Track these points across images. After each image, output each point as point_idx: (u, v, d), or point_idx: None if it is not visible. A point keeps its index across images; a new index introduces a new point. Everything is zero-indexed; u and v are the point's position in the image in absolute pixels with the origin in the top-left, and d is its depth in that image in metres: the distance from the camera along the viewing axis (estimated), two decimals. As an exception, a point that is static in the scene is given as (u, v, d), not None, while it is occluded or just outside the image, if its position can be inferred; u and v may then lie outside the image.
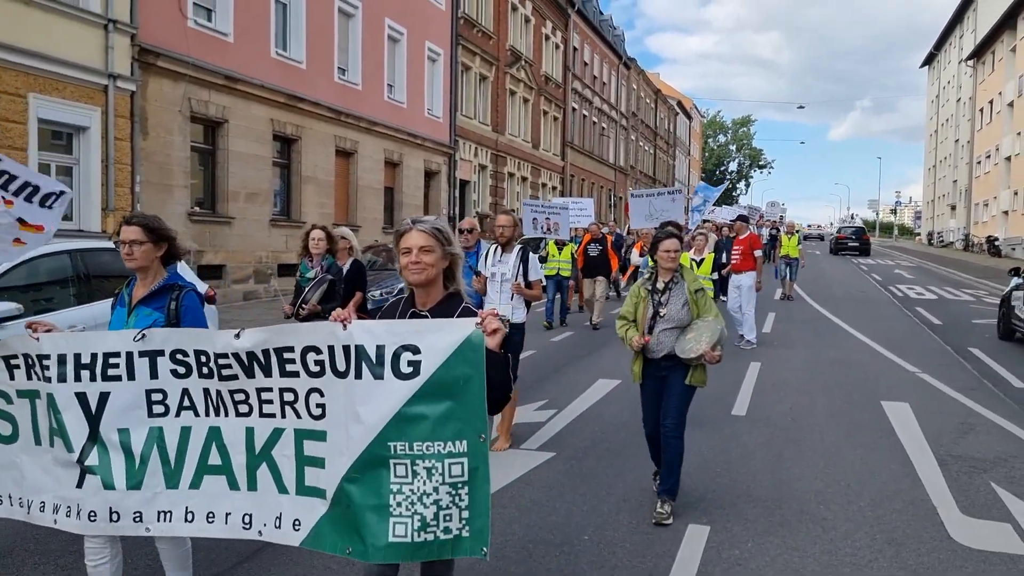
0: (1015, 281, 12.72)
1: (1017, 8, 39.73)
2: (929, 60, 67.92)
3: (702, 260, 10.69)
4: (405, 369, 2.59)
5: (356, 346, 2.65)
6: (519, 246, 6.44)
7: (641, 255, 13.47)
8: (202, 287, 8.66)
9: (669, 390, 5.01)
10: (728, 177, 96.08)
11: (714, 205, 27.42)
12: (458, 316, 2.76)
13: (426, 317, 2.81)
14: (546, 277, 13.80)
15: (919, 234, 74.98)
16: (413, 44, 23.93)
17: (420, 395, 2.57)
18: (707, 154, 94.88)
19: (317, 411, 2.79)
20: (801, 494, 5.42)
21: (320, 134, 19.31)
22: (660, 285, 5.02)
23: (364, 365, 2.64)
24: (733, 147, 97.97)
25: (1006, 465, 6.13)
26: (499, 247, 6.48)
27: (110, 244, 8.95)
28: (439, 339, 2.58)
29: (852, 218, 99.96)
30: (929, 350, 11.86)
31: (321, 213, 19.35)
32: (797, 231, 20.76)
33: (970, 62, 50.27)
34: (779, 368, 10.17)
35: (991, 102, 45.85)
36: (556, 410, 7.66)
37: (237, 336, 2.86)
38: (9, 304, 6.40)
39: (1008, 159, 41.63)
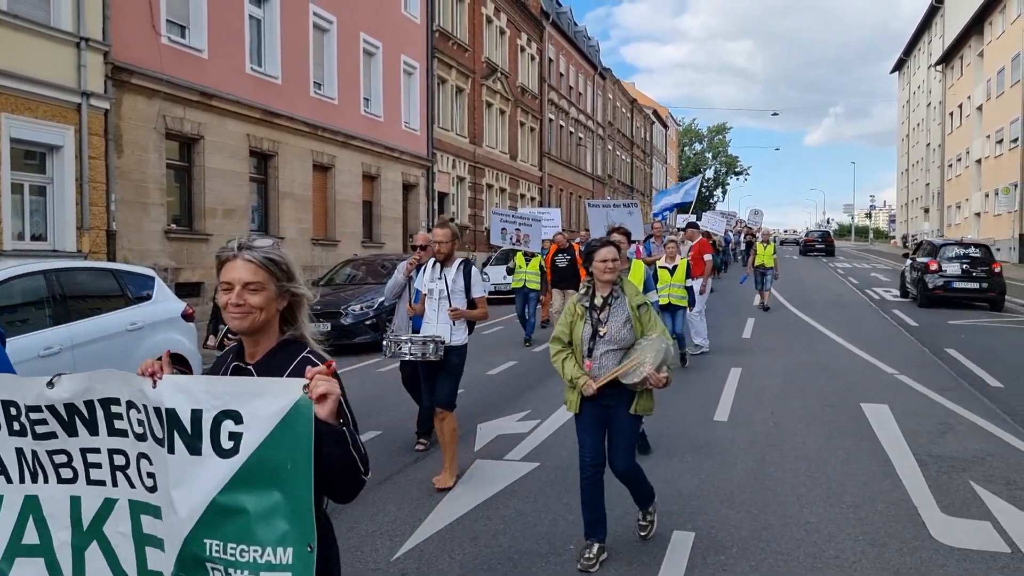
0: (908, 262, 20.72)
1: (984, 13, 40.49)
2: (899, 66, 68.96)
3: (675, 267, 10.43)
4: (225, 443, 1.92)
5: (167, 410, 1.97)
6: (460, 260, 6.04)
7: None
8: (179, 305, 8.60)
9: (615, 424, 4.40)
10: (704, 183, 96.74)
11: (692, 212, 27.55)
12: (291, 373, 2.08)
13: (251, 373, 2.16)
14: (513, 289, 13.73)
15: (894, 237, 75.87)
16: (389, 57, 23.95)
17: (239, 480, 1.91)
18: (684, 162, 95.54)
19: (149, 481, 2.11)
20: (784, 498, 5.45)
21: (297, 149, 19.25)
22: (598, 301, 4.42)
23: (177, 435, 1.96)
24: (709, 155, 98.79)
25: (984, 464, 6.20)
26: (437, 262, 6.03)
27: (86, 263, 8.88)
28: (264, 405, 1.90)
29: (828, 223, 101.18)
30: (906, 352, 11.99)
31: (299, 228, 19.28)
32: (773, 239, 19.96)
33: (939, 67, 51.09)
34: (759, 373, 10.25)
35: (960, 106, 46.60)
36: (539, 420, 7.67)
37: (50, 385, 2.16)
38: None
39: (979, 162, 42.30)
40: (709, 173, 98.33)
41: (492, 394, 9.03)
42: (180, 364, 8.24)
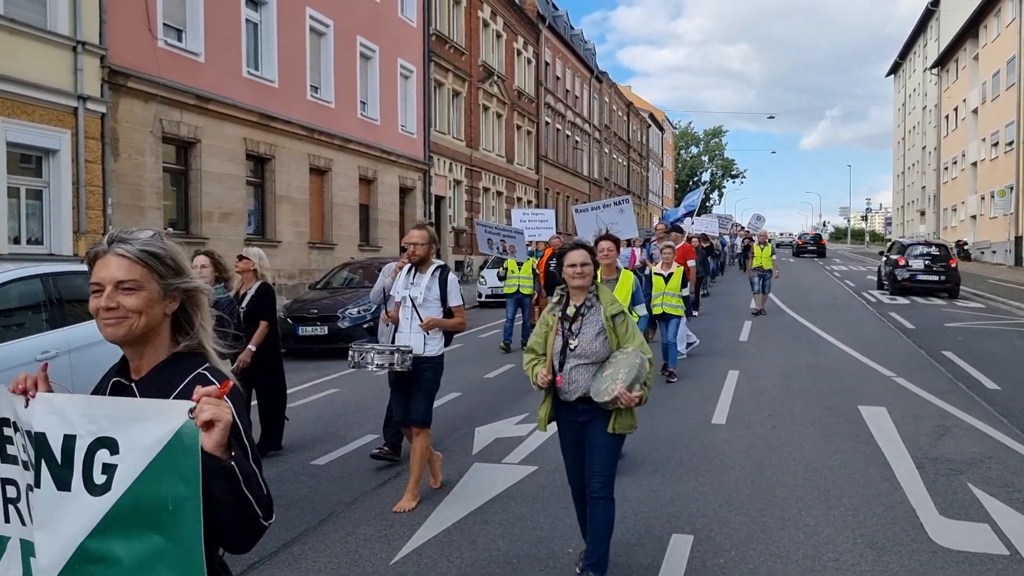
0: (883, 259, 24.29)
1: (979, 17, 40.62)
2: (895, 69, 69.14)
3: (670, 275, 10.06)
4: (98, 478, 1.56)
5: (36, 434, 1.61)
6: (436, 266, 5.56)
7: None
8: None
9: (590, 442, 4.07)
10: (702, 186, 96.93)
11: (689, 215, 27.52)
12: (179, 394, 1.71)
13: (132, 392, 1.78)
14: (506, 295, 13.49)
15: (890, 240, 75.97)
16: (385, 61, 23.96)
17: (111, 522, 1.55)
18: (680, 165, 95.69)
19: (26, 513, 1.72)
20: (782, 500, 5.45)
21: (294, 152, 19.24)
22: (571, 310, 4.10)
23: (45, 466, 1.60)
24: (706, 158, 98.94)
25: (982, 466, 6.21)
26: (413, 267, 5.59)
27: (83, 267, 8.84)
28: (142, 433, 1.55)
29: (824, 226, 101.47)
30: (903, 354, 12.00)
31: (296, 232, 19.27)
32: (770, 241, 19.03)
33: (934, 70, 51.26)
34: (757, 376, 10.25)
35: (956, 109, 46.73)
36: (536, 424, 7.65)
37: None
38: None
39: (974, 164, 42.41)
40: (705, 176, 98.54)
41: (490, 397, 9.02)
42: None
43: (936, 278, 21.71)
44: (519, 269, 13.27)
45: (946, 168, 49.55)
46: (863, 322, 16.35)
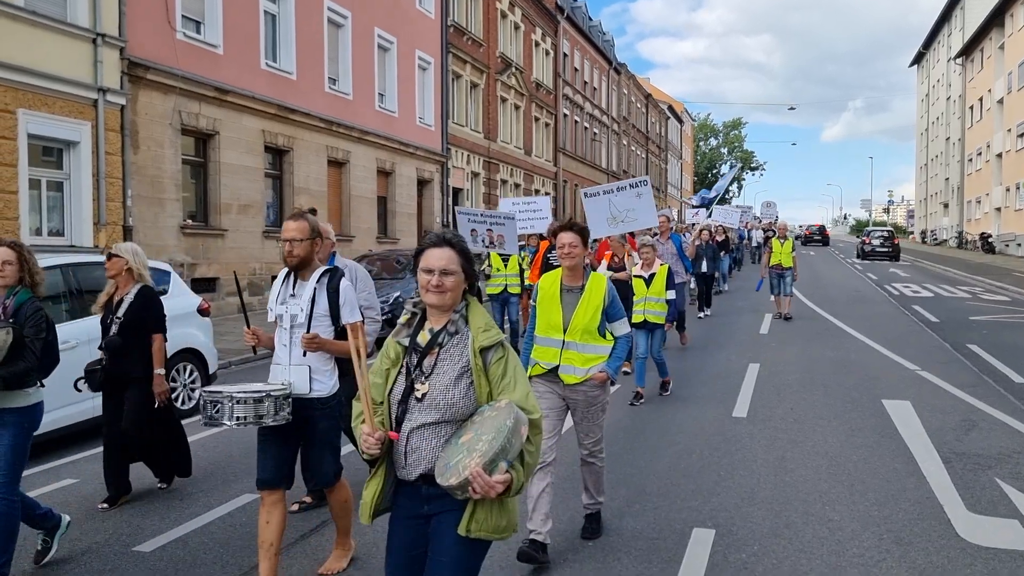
0: (860, 239, 37.13)
1: (1005, 5, 39.93)
2: (918, 59, 68.21)
3: (652, 276, 8.52)
4: None
5: None
6: (323, 270, 4.12)
7: (609, 267, 9.69)
8: (195, 300, 8.58)
9: (431, 547, 2.62)
10: (735, 167, 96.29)
11: (701, 208, 27.21)
12: None
13: None
14: (490, 296, 11.76)
15: (912, 232, 75.19)
16: (403, 53, 23.91)
17: None
18: (699, 157, 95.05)
19: None
20: (806, 495, 5.36)
21: (312, 144, 19.26)
22: (424, 337, 2.68)
23: None
24: (725, 150, 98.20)
25: (1011, 461, 6.08)
26: (291, 273, 4.11)
27: (102, 258, 8.88)
28: None
29: (845, 219, 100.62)
30: (928, 348, 11.83)
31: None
32: (790, 234, 16.44)
33: (959, 60, 50.49)
34: (778, 369, 10.13)
35: (981, 99, 46.03)
36: (556, 416, 7.59)
37: None
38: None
39: (999, 156, 41.76)
40: (724, 168, 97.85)
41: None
42: (195, 360, 8.23)
43: (885, 249, 38.27)
44: (504, 266, 11.54)
45: (970, 160, 48.84)
46: (886, 315, 16.14)
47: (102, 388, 5.47)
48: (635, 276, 8.67)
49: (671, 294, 8.73)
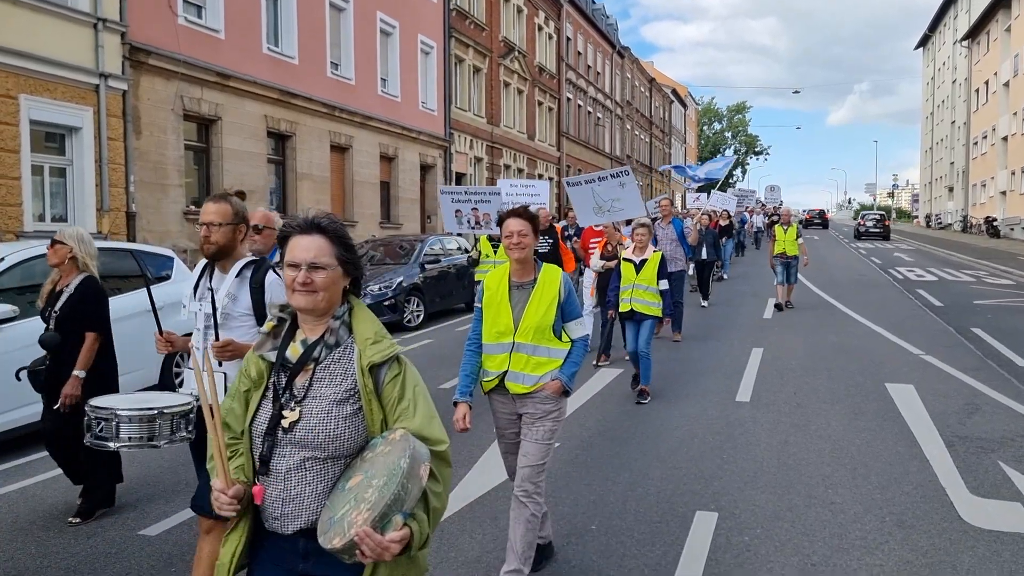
0: (856, 220, 49.13)
1: (1011, -13, 39.60)
2: (924, 42, 67.74)
3: (643, 262, 7.71)
4: None
5: None
6: (246, 262, 3.53)
7: (602, 256, 9.51)
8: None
9: None
10: (735, 155, 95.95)
11: (702, 192, 26.82)
12: None
13: None
14: (477, 284, 9.20)
15: (917, 217, 74.99)
16: (405, 37, 23.80)
17: None
18: (703, 142, 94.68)
19: None
20: (808, 478, 5.37)
21: (314, 130, 19.21)
22: (295, 350, 2.10)
23: None
24: (729, 134, 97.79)
25: (1014, 444, 6.08)
26: (208, 264, 3.57)
27: (105, 244, 8.89)
28: None
29: (849, 203, 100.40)
30: (932, 332, 11.82)
31: (318, 209, 19.25)
32: (794, 220, 15.60)
33: (965, 43, 50.13)
34: (781, 353, 10.13)
35: (987, 82, 45.74)
36: (559, 400, 7.60)
37: None
38: (4, 306, 6.35)
39: (1005, 139, 41.55)
40: (728, 152, 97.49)
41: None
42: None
43: (877, 230, 44.27)
44: (495, 252, 9.96)
45: (975, 143, 48.60)
46: (890, 300, 16.11)
47: (43, 389, 4.85)
48: (624, 260, 7.85)
49: (664, 284, 7.67)
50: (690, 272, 16.23)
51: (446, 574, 4.02)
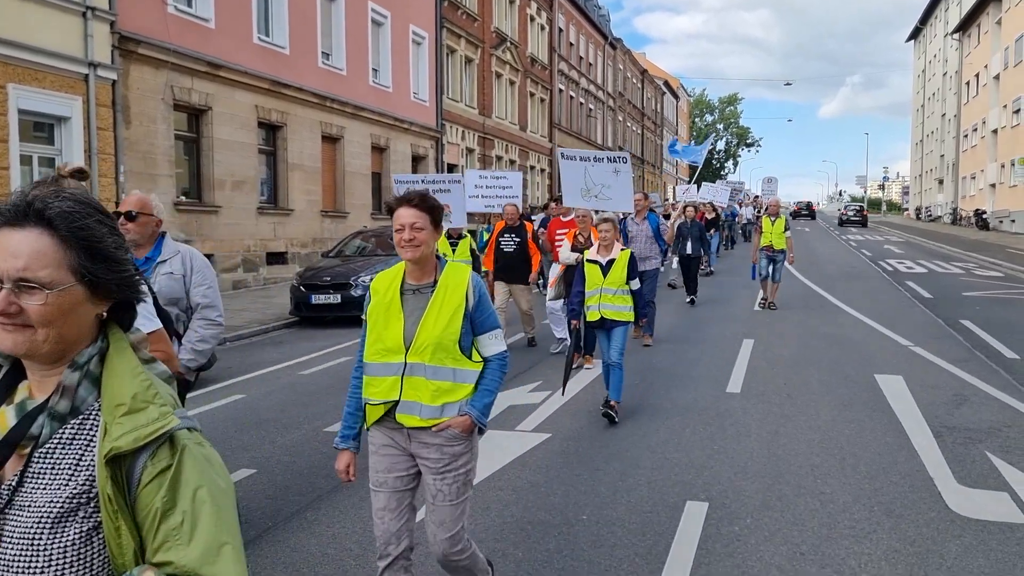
0: (839, 210, 60.34)
1: (1002, -20, 39.71)
2: (915, 34, 67.89)
3: (611, 262, 6.74)
4: None
5: None
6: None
7: (573, 248, 8.61)
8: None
9: None
10: (715, 155, 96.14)
11: (693, 183, 26.69)
12: None
13: None
14: None
15: (907, 209, 75.31)
16: (397, 27, 23.70)
17: None
18: (695, 133, 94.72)
19: None
20: (798, 468, 5.41)
21: (305, 120, 19.13)
22: (4, 421, 1.24)
23: None
24: (721, 126, 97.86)
25: (1000, 435, 6.14)
26: None
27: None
28: None
29: (840, 195, 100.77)
30: (921, 323, 11.89)
31: (309, 200, 19.22)
32: (783, 211, 14.61)
33: (955, 35, 50.26)
34: (772, 344, 10.17)
35: (977, 75, 45.90)
36: (550, 391, 7.63)
37: None
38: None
39: (995, 132, 41.72)
40: (720, 144, 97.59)
41: (503, 365, 8.97)
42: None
43: (857, 219, 51.43)
44: (453, 250, 9.16)
45: (965, 136, 48.79)
46: (880, 291, 16.20)
47: None
48: (588, 261, 6.81)
49: (635, 284, 6.75)
50: (674, 266, 15.93)
51: (430, 568, 4.03)
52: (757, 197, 36.30)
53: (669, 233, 11.43)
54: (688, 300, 14.25)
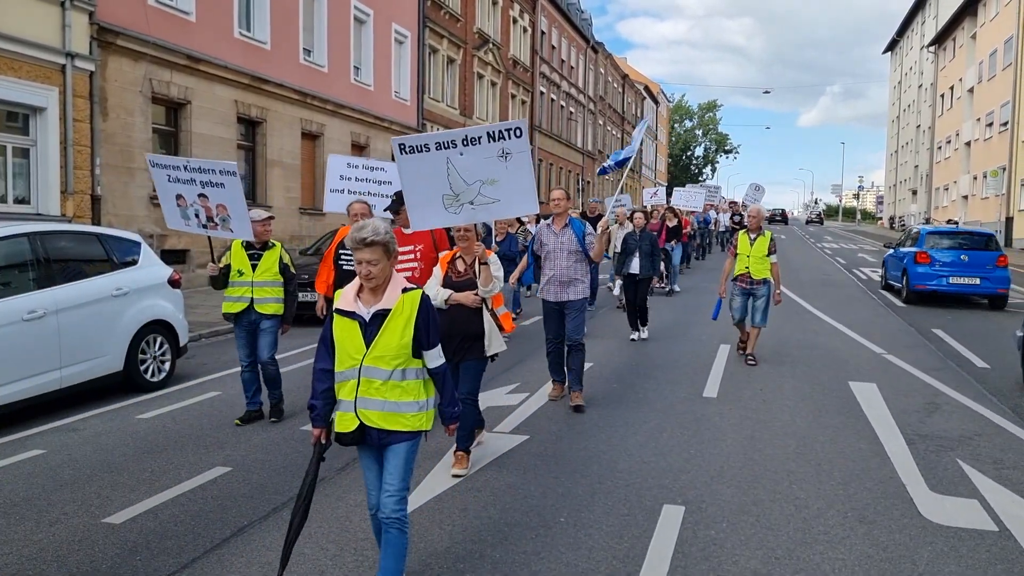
0: (807, 213, 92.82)
1: (978, -5, 40.35)
2: (892, 46, 68.76)
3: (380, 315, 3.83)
4: None
5: None
6: None
7: (446, 282, 5.45)
8: (166, 271, 8.47)
9: None
10: (693, 161, 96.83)
11: (678, 187, 26.41)
12: None
13: None
14: (226, 317, 6.86)
15: (881, 218, 76.23)
16: (380, 26, 23.62)
17: None
18: (674, 139, 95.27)
19: None
20: (773, 474, 5.45)
21: (286, 116, 19.00)
22: None
23: None
24: (700, 132, 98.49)
25: (971, 443, 6.23)
26: None
27: (71, 227, 8.72)
28: None
29: (816, 203, 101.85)
30: (894, 332, 12.04)
31: (288, 197, 19.08)
32: (766, 227, 11.85)
33: (931, 48, 50.98)
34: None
35: (952, 88, 46.58)
36: (528, 393, 7.64)
37: None
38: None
39: (968, 144, 42.37)
40: (699, 151, 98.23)
41: (481, 366, 8.96)
42: (165, 331, 8.14)
43: (818, 220, 76.87)
44: (253, 269, 6.67)
45: (939, 147, 49.50)
46: (854, 299, 16.38)
47: None
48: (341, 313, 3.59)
49: (435, 358, 3.53)
50: (616, 292, 13.96)
51: (417, 564, 4.02)
52: (734, 203, 34.16)
53: (597, 249, 7.17)
54: (632, 337, 10.86)
